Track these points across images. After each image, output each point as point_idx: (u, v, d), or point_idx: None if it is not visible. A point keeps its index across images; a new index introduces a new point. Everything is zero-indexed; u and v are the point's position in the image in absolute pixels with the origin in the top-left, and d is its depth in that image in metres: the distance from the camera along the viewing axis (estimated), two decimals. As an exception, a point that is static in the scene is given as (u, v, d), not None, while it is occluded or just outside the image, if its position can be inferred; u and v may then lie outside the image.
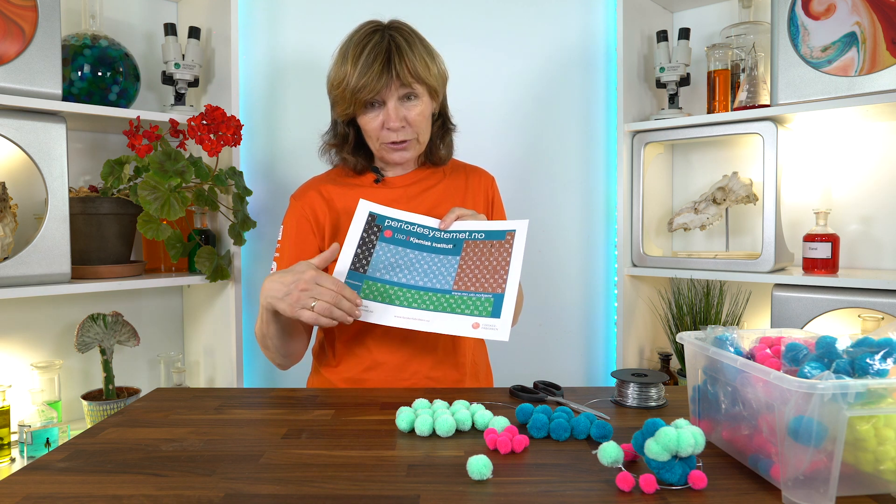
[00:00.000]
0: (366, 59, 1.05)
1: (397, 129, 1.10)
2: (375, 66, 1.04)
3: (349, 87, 1.06)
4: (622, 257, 1.81)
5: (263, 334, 1.07)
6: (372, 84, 1.05)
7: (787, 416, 0.58)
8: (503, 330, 0.97)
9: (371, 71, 1.04)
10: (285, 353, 1.11)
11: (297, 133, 1.77)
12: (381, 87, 1.06)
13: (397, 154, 1.15)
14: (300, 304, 0.92)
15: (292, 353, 1.13)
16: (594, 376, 1.94)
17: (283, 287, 0.94)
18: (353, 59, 1.06)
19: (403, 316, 1.00)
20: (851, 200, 1.67)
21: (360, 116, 1.12)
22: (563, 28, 1.88)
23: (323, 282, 0.93)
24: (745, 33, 1.73)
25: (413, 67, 1.06)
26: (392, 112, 1.08)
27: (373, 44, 1.06)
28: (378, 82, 1.05)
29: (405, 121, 1.10)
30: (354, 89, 1.06)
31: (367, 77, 1.04)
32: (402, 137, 1.12)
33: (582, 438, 0.79)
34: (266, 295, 0.97)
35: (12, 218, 1.36)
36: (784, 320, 1.50)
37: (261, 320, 1.05)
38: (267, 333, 1.05)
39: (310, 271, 0.94)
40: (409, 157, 1.16)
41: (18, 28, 1.28)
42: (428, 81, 1.09)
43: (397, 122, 1.09)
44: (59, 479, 0.68)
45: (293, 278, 0.94)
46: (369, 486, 0.66)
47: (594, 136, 1.91)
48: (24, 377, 1.53)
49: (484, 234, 1.08)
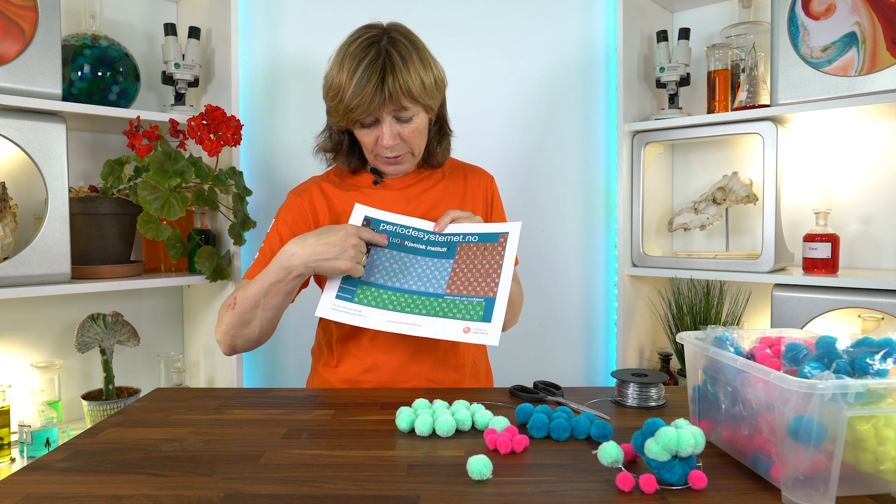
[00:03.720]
0: (360, 78, 1.03)
1: (391, 147, 1.10)
2: (369, 87, 1.02)
3: (342, 104, 1.05)
4: (622, 257, 1.81)
5: (254, 305, 1.03)
6: (365, 106, 1.04)
7: (787, 416, 0.58)
8: (493, 334, 0.97)
9: (365, 92, 1.03)
10: (262, 331, 1.08)
11: (296, 133, 1.77)
12: (375, 108, 1.04)
13: (391, 168, 1.16)
14: (356, 259, 1.00)
15: (267, 331, 1.10)
16: (594, 376, 1.94)
17: (331, 248, 1.00)
18: (348, 72, 1.04)
19: (396, 321, 1.00)
20: (851, 200, 1.67)
21: (355, 130, 1.12)
22: (563, 28, 1.88)
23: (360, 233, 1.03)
24: (745, 33, 1.73)
25: (407, 88, 1.04)
26: (386, 131, 1.08)
27: (368, 60, 1.03)
28: (371, 104, 1.04)
29: (399, 138, 1.10)
30: (348, 108, 1.05)
31: (361, 98, 1.03)
32: (396, 153, 1.12)
33: (582, 438, 0.79)
34: (307, 258, 1.00)
35: (12, 218, 1.36)
36: (784, 320, 1.50)
37: (262, 289, 1.02)
38: (264, 304, 1.03)
39: (349, 227, 1.02)
40: (404, 171, 1.18)
41: (18, 28, 1.28)
42: (422, 100, 1.07)
43: (391, 141, 1.09)
44: (59, 479, 0.68)
45: (338, 238, 1.00)
46: (369, 486, 0.66)
47: (594, 136, 1.91)
48: (24, 377, 1.53)
49: (477, 237, 1.08)
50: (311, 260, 1.00)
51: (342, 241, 0.99)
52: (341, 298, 1.02)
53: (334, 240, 0.99)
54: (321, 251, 0.99)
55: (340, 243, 0.99)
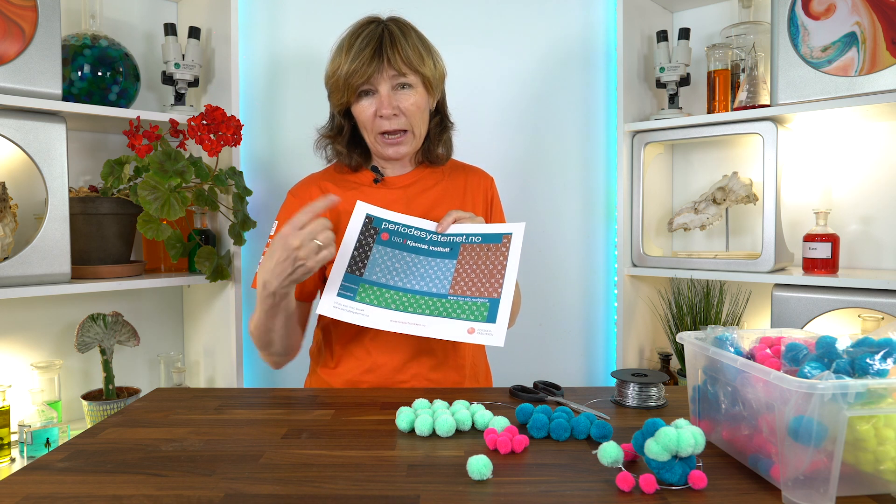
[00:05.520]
0: (358, 46, 1.07)
1: (390, 117, 1.10)
2: (367, 51, 1.06)
3: (342, 74, 1.08)
4: (622, 257, 1.81)
5: (267, 329, 1.06)
6: (363, 69, 1.06)
7: (787, 416, 0.58)
8: (498, 335, 0.96)
9: (362, 56, 1.06)
10: (286, 347, 1.11)
11: (296, 133, 1.77)
12: (372, 72, 1.07)
13: (392, 149, 1.14)
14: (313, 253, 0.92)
15: (292, 345, 1.14)
16: (594, 376, 1.94)
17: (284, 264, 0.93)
18: (346, 48, 1.09)
19: (399, 320, 0.99)
20: (851, 200, 1.67)
21: (355, 105, 1.12)
22: (563, 28, 1.88)
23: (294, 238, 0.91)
24: (745, 33, 1.73)
25: (405, 55, 1.08)
26: (384, 98, 1.09)
27: (367, 33, 1.08)
28: (369, 67, 1.06)
29: (398, 109, 1.10)
30: (346, 74, 1.07)
31: (358, 62, 1.06)
32: (395, 126, 1.11)
33: (582, 438, 0.79)
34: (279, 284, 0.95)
35: (12, 218, 1.36)
36: (784, 320, 1.50)
37: (263, 316, 1.03)
38: (272, 328, 1.05)
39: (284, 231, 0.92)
40: (405, 153, 1.16)
41: (18, 28, 1.28)
42: (421, 71, 1.10)
43: (389, 109, 1.09)
44: (59, 479, 0.68)
45: (282, 253, 0.92)
46: (369, 486, 0.66)
47: (594, 136, 1.91)
48: (24, 377, 1.53)
49: (481, 238, 1.08)
50: (281, 285, 0.96)
51: (286, 253, 0.92)
52: (343, 297, 1.01)
53: (281, 256, 0.93)
54: (281, 271, 0.94)
55: (287, 255, 0.92)
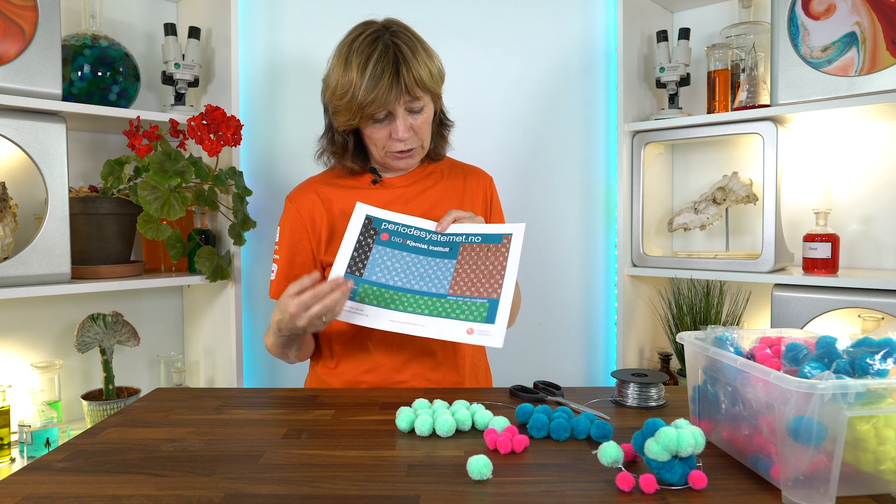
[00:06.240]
0: (373, 71, 1.03)
1: (405, 139, 1.10)
2: (384, 79, 1.03)
3: (356, 101, 1.04)
4: (622, 257, 1.81)
5: (283, 351, 1.13)
6: (382, 99, 1.03)
7: (787, 416, 0.58)
8: (497, 336, 0.96)
9: (381, 85, 1.03)
10: (302, 356, 1.19)
11: (296, 133, 1.77)
12: (391, 101, 1.05)
13: (403, 162, 1.15)
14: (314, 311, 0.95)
15: (308, 353, 1.21)
16: (594, 376, 1.94)
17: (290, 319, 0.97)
18: (358, 68, 1.04)
19: (398, 320, 1.00)
20: (851, 200, 1.67)
21: (365, 128, 1.11)
22: (563, 28, 1.88)
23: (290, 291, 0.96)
24: (745, 33, 1.73)
25: (420, 78, 1.05)
26: (401, 124, 1.08)
27: (378, 54, 1.04)
28: (388, 97, 1.04)
29: (412, 130, 1.10)
30: (363, 104, 1.04)
31: (377, 92, 1.03)
32: (408, 146, 1.12)
33: (582, 438, 0.79)
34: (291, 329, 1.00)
35: (12, 218, 1.36)
36: (784, 320, 1.50)
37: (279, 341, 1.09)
38: (288, 349, 1.12)
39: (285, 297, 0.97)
40: (414, 164, 1.19)
41: (18, 28, 1.28)
42: (433, 89, 1.10)
43: (406, 134, 1.09)
44: (59, 479, 0.68)
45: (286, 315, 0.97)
46: (369, 486, 0.66)
47: (594, 136, 1.91)
48: (24, 377, 1.53)
49: (481, 238, 1.08)
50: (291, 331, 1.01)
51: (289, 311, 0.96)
52: None
53: (285, 318, 0.97)
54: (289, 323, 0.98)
55: (292, 312, 0.95)
